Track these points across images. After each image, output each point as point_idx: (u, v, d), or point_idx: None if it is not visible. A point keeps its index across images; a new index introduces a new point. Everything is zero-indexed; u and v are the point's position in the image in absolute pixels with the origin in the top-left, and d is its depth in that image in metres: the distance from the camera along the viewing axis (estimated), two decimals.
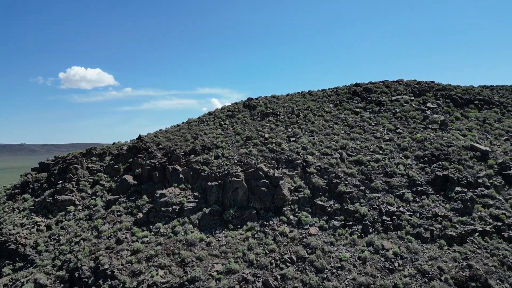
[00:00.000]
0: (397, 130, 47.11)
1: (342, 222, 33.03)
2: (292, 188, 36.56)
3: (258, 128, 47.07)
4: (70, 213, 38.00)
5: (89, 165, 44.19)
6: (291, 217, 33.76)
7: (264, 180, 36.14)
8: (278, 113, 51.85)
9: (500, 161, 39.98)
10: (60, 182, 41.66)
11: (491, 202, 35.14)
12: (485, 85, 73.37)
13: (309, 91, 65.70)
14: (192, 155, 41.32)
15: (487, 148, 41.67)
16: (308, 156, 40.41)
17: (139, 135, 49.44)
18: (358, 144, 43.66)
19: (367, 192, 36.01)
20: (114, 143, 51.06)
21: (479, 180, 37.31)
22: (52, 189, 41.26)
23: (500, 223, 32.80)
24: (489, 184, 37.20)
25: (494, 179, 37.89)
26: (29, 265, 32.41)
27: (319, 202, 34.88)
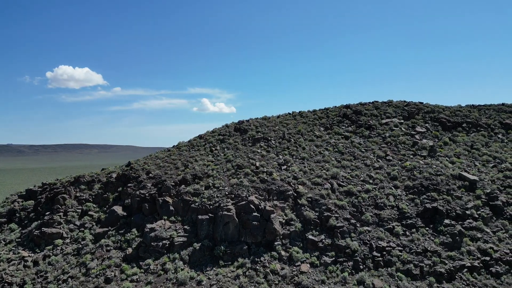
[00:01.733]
0: (387, 157, 47.51)
1: (333, 258, 33.07)
2: (283, 221, 36.51)
3: (249, 155, 47.01)
4: (58, 247, 37.31)
5: (77, 194, 43.55)
6: (283, 252, 33.70)
7: (256, 214, 36.05)
8: (269, 138, 51.91)
9: (488, 191, 40.55)
10: (47, 213, 40.95)
11: (479, 235, 35.58)
12: (472, 105, 74.49)
13: (299, 112, 65.97)
14: (183, 185, 41.05)
15: (475, 178, 42.25)
16: (299, 186, 40.46)
17: (129, 162, 48.94)
18: (348, 173, 43.89)
19: (358, 225, 36.16)
20: (103, 169, 50.43)
21: (467, 212, 37.75)
22: (39, 221, 40.52)
23: (488, 258, 33.17)
24: (477, 216, 37.68)
25: (482, 210, 38.39)
26: None
27: (310, 237, 34.89)
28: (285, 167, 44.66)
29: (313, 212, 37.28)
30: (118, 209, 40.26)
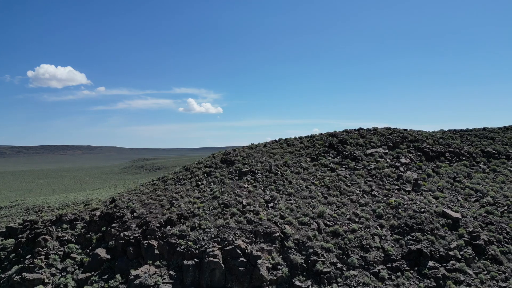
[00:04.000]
0: (373, 193, 48.02)
1: None
2: (270, 266, 36.31)
3: (236, 191, 46.82)
4: None
5: (59, 234, 42.52)
6: None
7: (242, 259, 35.84)
8: (256, 171, 51.88)
9: (470, 229, 41.29)
10: (28, 256, 39.83)
11: (462, 277, 36.08)
12: (455, 130, 76.20)
13: (286, 140, 66.34)
14: (168, 226, 40.56)
15: (458, 215, 43.02)
16: (286, 226, 40.45)
17: (113, 198, 48.12)
18: (334, 210, 44.16)
19: (344, 269, 36.27)
20: (86, 205, 49.46)
21: (450, 253, 38.28)
22: (19, 264, 39.38)
23: None
24: (460, 257, 38.24)
25: (465, 250, 38.99)
26: None
27: (297, 283, 34.79)
28: (272, 204, 44.65)
29: (300, 255, 37.25)
30: (102, 252, 39.44)
